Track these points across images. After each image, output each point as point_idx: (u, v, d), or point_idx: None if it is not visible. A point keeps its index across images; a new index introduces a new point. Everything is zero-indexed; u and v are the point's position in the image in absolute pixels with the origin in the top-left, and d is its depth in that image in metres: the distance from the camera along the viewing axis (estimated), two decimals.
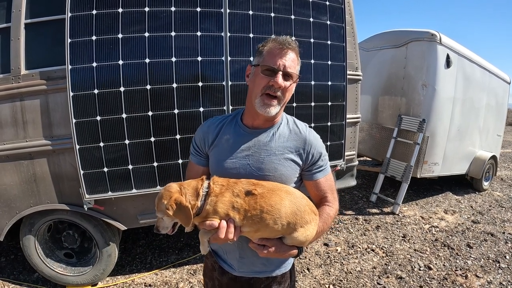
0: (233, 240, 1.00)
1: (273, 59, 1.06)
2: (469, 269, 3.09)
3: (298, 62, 1.11)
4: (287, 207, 1.01)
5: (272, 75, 1.05)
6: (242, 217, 1.00)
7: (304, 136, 1.16)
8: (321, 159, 1.17)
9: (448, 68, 4.27)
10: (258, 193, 1.00)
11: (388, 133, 4.79)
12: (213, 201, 0.99)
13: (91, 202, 2.34)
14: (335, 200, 1.21)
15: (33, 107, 2.24)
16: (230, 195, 1.00)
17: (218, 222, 0.98)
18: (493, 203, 4.94)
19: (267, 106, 1.07)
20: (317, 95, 2.72)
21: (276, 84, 1.04)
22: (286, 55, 1.06)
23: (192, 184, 1.03)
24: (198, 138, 1.23)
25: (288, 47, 1.06)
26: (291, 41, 1.08)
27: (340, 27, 2.77)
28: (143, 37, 2.20)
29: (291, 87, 1.09)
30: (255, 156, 1.13)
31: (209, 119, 1.25)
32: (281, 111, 1.15)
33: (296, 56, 1.09)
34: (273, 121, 1.17)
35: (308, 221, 1.04)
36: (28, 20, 2.20)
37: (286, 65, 1.05)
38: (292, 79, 1.08)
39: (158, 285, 2.76)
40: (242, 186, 1.02)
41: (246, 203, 0.99)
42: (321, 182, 1.18)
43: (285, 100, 1.11)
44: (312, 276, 2.94)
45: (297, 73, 1.09)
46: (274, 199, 1.00)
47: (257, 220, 0.99)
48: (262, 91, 1.07)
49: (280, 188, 1.05)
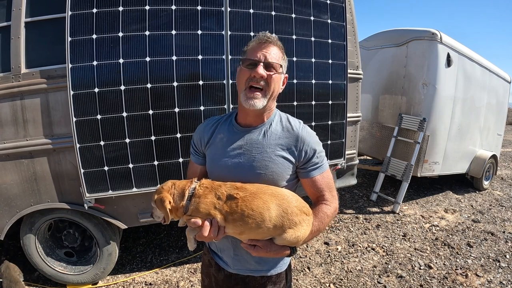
0: (217, 239, 1.03)
1: (254, 53, 1.08)
2: (469, 268, 3.09)
3: (282, 56, 1.12)
4: (271, 211, 1.01)
5: (254, 68, 1.06)
6: (224, 218, 1.02)
7: (297, 133, 1.15)
8: (315, 156, 1.15)
9: (449, 67, 4.26)
10: (240, 197, 1.01)
11: (388, 132, 4.79)
12: (196, 201, 1.04)
13: (92, 201, 2.34)
14: (334, 198, 1.18)
15: (34, 105, 2.24)
16: (212, 197, 1.03)
17: (202, 221, 1.01)
18: (494, 202, 4.94)
19: (251, 98, 1.07)
20: (318, 93, 2.72)
21: (257, 74, 1.05)
22: (265, 48, 1.08)
23: (181, 184, 1.09)
24: (196, 138, 1.25)
25: (267, 40, 1.08)
26: (270, 36, 1.09)
27: (341, 25, 2.77)
28: (143, 35, 2.20)
29: (275, 77, 1.09)
30: (247, 154, 1.13)
31: (206, 120, 1.28)
32: (269, 106, 1.14)
33: (278, 50, 1.10)
34: (263, 118, 1.16)
35: (297, 222, 1.03)
36: (28, 18, 2.20)
37: (266, 56, 1.06)
38: (275, 70, 1.08)
39: (158, 284, 2.77)
40: (225, 189, 1.04)
41: (227, 206, 1.02)
42: (317, 180, 1.16)
43: (271, 91, 1.10)
44: (312, 275, 2.94)
45: (279, 63, 1.09)
46: (255, 203, 1.01)
47: (240, 223, 1.01)
48: (246, 85, 1.08)
49: (264, 191, 1.04)
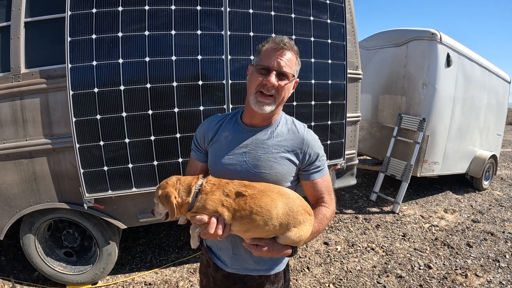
0: (222, 237, 1.02)
1: (268, 58, 1.07)
2: (469, 268, 3.09)
3: (296, 62, 1.11)
4: (278, 208, 1.02)
5: (266, 74, 1.06)
6: (231, 215, 1.02)
7: (302, 136, 1.17)
8: (318, 159, 1.18)
9: (449, 67, 4.27)
10: (248, 194, 1.02)
11: (388, 132, 4.79)
12: (203, 198, 1.03)
13: (91, 200, 2.34)
14: (332, 201, 1.21)
15: (33, 105, 2.24)
16: (220, 194, 1.03)
17: (208, 218, 1.01)
18: (493, 202, 4.95)
19: (261, 103, 1.08)
20: (318, 93, 2.72)
21: (269, 83, 1.05)
22: (281, 55, 1.07)
23: (187, 180, 1.08)
24: (199, 135, 1.25)
25: (283, 47, 1.07)
26: (287, 41, 1.08)
27: (341, 25, 2.77)
28: (143, 35, 2.20)
29: (286, 86, 1.09)
30: (252, 153, 1.14)
31: (211, 117, 1.28)
32: (278, 110, 1.15)
33: (293, 56, 1.09)
34: (271, 120, 1.18)
35: (301, 221, 1.05)
36: (28, 18, 2.20)
37: (280, 65, 1.06)
38: (288, 79, 1.08)
39: (158, 283, 2.77)
40: (233, 186, 1.04)
41: (235, 203, 1.01)
42: (318, 183, 1.19)
43: (282, 98, 1.11)
44: (312, 275, 2.94)
45: (292, 73, 1.09)
46: (264, 200, 1.01)
47: (247, 220, 1.01)
48: (256, 89, 1.08)
49: (272, 189, 1.05)
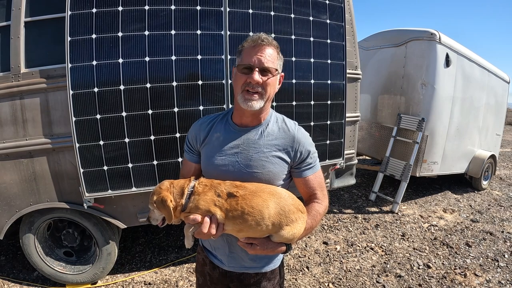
0: (215, 236, 1.03)
1: (249, 57, 1.08)
2: (468, 268, 3.10)
3: (278, 57, 1.12)
4: (270, 208, 1.03)
5: (249, 73, 1.07)
6: (224, 215, 1.03)
7: (293, 134, 1.18)
8: (309, 156, 1.19)
9: (448, 67, 4.28)
10: (240, 195, 1.03)
11: (387, 132, 4.80)
12: (196, 199, 1.05)
13: (91, 200, 2.35)
14: (325, 197, 1.23)
15: (33, 105, 2.24)
16: (212, 194, 1.05)
17: (201, 217, 1.02)
18: (492, 202, 4.96)
19: (248, 100, 1.09)
20: (317, 93, 2.73)
21: (253, 80, 1.06)
22: (261, 51, 1.08)
23: (180, 183, 1.11)
24: (191, 136, 1.26)
25: (261, 43, 1.08)
26: (265, 37, 1.09)
27: (340, 26, 2.77)
28: (143, 35, 2.20)
29: (271, 81, 1.10)
30: (244, 153, 1.15)
31: (202, 118, 1.29)
32: (266, 107, 1.16)
33: (274, 50, 1.10)
34: (260, 118, 1.18)
35: (294, 219, 1.06)
36: (28, 18, 2.20)
37: (262, 61, 1.07)
38: (271, 73, 1.09)
39: (157, 283, 2.77)
40: (224, 187, 1.06)
41: (227, 204, 1.03)
42: (310, 180, 1.20)
43: (268, 94, 1.12)
44: (311, 275, 2.95)
45: (275, 67, 1.10)
46: (256, 201, 1.02)
47: (240, 221, 1.02)
48: (242, 88, 1.09)
49: (263, 189, 1.06)
